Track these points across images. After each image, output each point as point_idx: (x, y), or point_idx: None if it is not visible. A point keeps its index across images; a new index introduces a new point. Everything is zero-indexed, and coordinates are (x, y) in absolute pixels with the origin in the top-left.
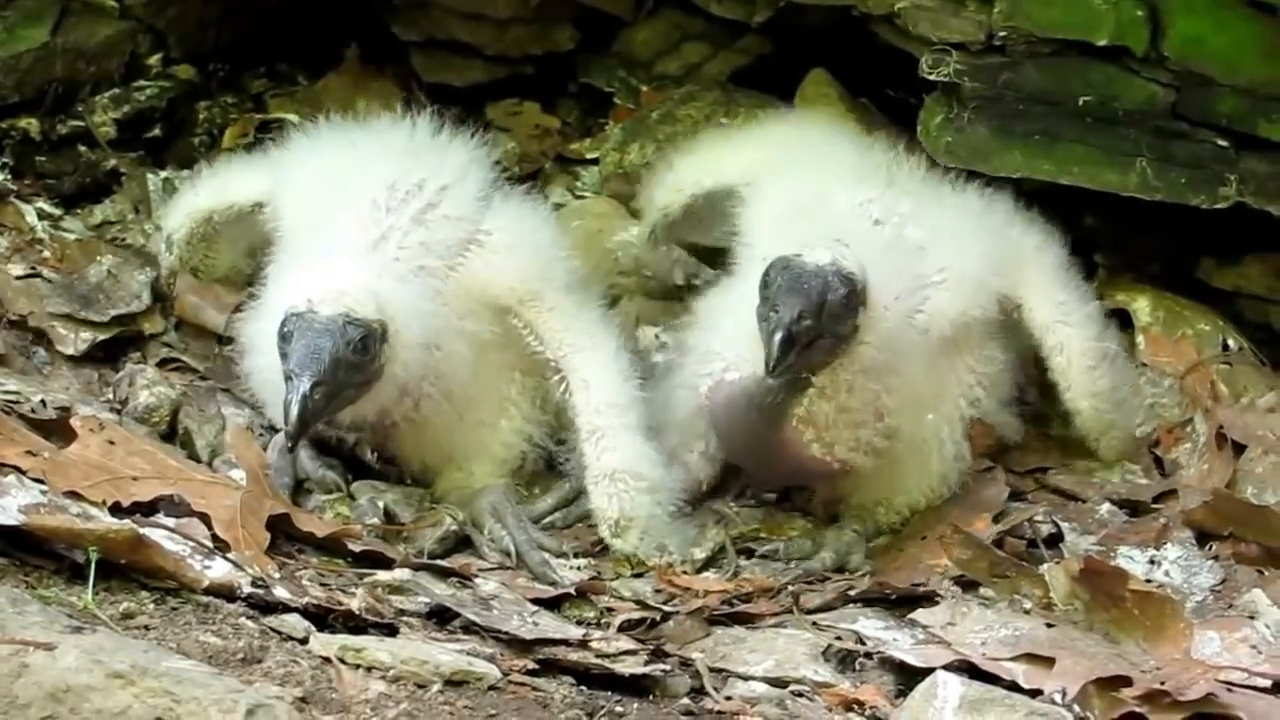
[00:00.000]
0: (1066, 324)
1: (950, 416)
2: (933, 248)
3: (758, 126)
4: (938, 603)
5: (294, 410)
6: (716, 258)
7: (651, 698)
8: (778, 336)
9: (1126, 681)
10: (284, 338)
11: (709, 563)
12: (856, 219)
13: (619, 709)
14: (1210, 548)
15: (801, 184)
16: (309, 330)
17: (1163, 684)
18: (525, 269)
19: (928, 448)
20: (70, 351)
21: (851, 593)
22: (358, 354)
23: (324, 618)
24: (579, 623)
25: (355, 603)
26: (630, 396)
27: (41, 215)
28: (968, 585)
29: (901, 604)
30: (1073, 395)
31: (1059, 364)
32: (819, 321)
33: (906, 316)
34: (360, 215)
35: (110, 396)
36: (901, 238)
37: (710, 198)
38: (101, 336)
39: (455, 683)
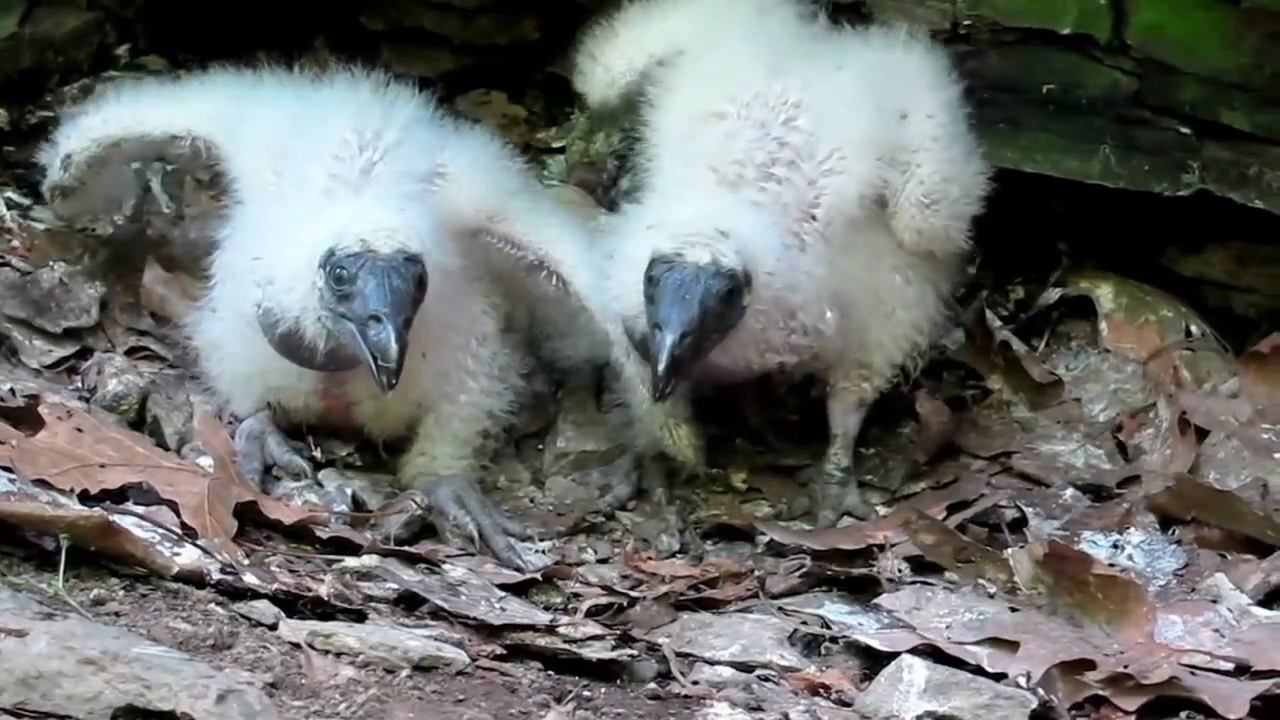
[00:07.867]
0: (923, 147)
1: (896, 272)
2: (824, 129)
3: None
4: (894, 584)
5: (392, 349)
6: None
7: (619, 682)
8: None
9: (1090, 665)
10: (338, 280)
11: (680, 550)
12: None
13: (586, 693)
14: (1173, 532)
15: (699, 85)
16: (378, 269)
17: (1126, 667)
18: (488, 189)
19: (887, 304)
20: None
21: (798, 573)
22: (419, 289)
23: (293, 604)
24: (546, 608)
25: (324, 589)
26: None
27: (10, 205)
28: (921, 566)
29: (860, 586)
30: (896, 226)
31: (893, 186)
32: (702, 330)
33: (800, 221)
34: (336, 152)
35: (79, 385)
36: (789, 142)
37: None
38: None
39: (424, 668)
